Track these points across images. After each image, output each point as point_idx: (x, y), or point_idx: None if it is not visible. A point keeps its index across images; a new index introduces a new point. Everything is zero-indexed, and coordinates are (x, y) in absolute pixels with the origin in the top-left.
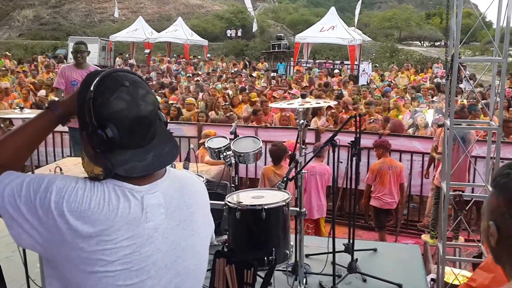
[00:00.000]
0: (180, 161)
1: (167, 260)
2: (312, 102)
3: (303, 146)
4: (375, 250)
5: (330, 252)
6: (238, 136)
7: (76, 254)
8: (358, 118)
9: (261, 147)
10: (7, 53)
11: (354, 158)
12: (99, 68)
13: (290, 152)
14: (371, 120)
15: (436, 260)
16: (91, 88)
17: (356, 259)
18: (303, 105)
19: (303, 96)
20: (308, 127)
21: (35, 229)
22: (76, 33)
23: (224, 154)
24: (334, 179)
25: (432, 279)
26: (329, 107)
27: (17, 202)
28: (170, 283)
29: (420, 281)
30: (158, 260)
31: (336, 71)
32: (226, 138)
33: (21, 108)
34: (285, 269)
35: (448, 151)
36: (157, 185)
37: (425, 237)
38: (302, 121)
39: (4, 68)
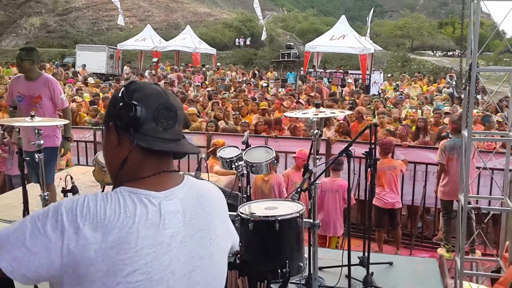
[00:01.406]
0: (189, 170)
1: (186, 269)
2: (326, 112)
3: (317, 157)
4: (391, 263)
5: (345, 265)
6: (250, 146)
7: (97, 268)
8: (373, 128)
9: (274, 157)
10: (14, 61)
11: (369, 169)
12: (50, 77)
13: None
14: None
15: (452, 275)
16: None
17: (372, 272)
18: (317, 114)
19: (318, 106)
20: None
21: (41, 264)
22: (84, 41)
23: (236, 164)
24: (349, 190)
25: None
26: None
27: (24, 242)
28: None
29: None
30: (177, 269)
31: (350, 80)
32: (238, 148)
33: (32, 117)
34: (298, 282)
35: (466, 162)
36: (175, 192)
37: (441, 250)
38: (316, 131)
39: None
